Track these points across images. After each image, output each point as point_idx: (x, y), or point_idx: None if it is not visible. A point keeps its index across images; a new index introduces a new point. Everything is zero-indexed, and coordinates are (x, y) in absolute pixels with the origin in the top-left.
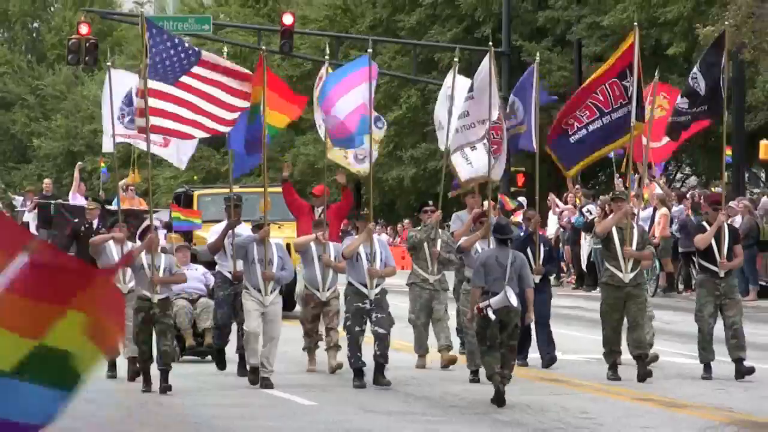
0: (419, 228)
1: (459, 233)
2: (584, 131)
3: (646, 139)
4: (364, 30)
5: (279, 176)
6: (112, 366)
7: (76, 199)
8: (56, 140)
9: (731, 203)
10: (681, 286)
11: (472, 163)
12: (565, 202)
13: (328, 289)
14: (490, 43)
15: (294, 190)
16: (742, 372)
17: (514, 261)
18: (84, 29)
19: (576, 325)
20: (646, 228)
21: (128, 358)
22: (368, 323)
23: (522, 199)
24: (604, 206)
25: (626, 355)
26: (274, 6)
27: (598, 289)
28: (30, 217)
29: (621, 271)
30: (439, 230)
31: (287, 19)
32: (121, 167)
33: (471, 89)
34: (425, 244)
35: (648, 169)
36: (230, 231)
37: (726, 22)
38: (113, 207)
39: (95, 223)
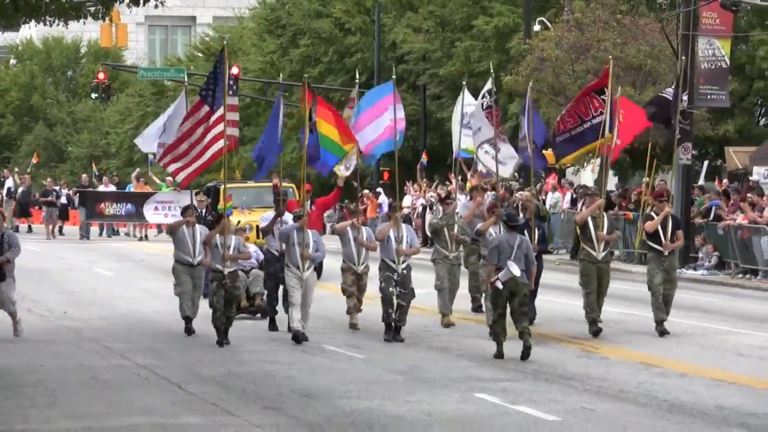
0: (440, 216)
1: (466, 217)
2: (567, 134)
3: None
4: (284, 78)
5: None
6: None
7: (108, 187)
8: (83, 148)
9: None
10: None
11: (485, 162)
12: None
13: (361, 264)
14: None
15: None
16: (662, 331)
17: (521, 244)
18: (101, 76)
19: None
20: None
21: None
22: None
23: (380, 189)
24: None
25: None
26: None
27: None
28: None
29: (595, 250)
30: (455, 217)
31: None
32: (128, 166)
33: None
34: (445, 229)
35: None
36: (279, 218)
37: (519, 75)
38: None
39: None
